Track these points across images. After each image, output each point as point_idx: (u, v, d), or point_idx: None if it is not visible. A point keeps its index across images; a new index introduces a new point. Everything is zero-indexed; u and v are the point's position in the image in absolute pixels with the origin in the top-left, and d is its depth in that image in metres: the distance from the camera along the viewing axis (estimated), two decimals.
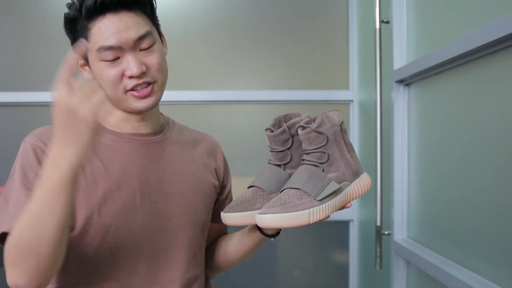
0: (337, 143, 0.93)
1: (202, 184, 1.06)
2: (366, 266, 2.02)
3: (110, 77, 0.92)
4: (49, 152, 0.78)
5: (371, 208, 1.88)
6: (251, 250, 1.08)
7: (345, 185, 0.94)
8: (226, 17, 2.09)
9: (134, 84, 0.93)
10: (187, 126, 1.16)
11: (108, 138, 0.99)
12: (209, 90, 2.08)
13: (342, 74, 2.14)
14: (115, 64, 0.92)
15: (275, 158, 1.00)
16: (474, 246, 1.15)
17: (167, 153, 1.04)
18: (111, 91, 0.93)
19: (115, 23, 0.91)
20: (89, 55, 0.94)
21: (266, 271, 2.12)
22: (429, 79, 1.37)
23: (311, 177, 0.90)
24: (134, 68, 0.91)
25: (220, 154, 1.16)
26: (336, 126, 0.93)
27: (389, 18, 1.56)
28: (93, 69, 0.95)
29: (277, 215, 0.85)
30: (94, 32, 0.92)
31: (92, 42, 0.92)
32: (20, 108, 2.05)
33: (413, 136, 1.49)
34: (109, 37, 0.91)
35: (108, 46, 0.91)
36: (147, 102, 0.95)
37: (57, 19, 2.03)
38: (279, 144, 0.99)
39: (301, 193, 0.88)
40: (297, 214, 0.86)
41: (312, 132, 0.92)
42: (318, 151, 0.92)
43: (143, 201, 0.97)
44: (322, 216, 0.88)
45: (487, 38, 1.01)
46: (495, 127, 1.06)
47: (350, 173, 0.95)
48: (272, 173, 0.99)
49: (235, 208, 0.95)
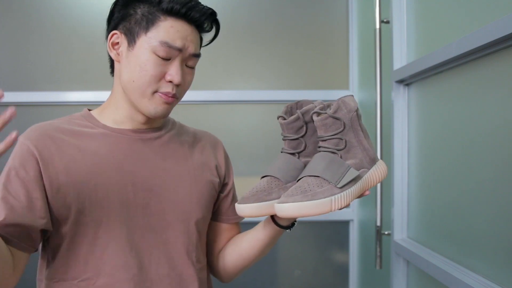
0: (354, 129, 0.91)
1: (199, 182, 1.06)
2: (366, 266, 2.02)
3: (151, 71, 0.94)
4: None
5: (371, 208, 1.88)
6: (267, 245, 1.06)
7: (363, 172, 0.91)
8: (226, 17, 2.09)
9: (168, 91, 0.96)
10: (187, 125, 1.16)
11: (104, 134, 0.99)
12: (209, 90, 2.08)
13: (342, 74, 2.14)
14: (163, 62, 0.94)
15: (289, 146, 0.97)
16: (474, 246, 1.15)
17: (163, 150, 1.04)
18: (143, 84, 0.94)
19: (186, 31, 0.96)
20: (142, 40, 0.95)
21: (266, 271, 2.12)
22: (429, 79, 1.37)
23: (330, 164, 0.87)
24: (178, 77, 0.95)
25: (221, 152, 1.15)
26: (353, 112, 0.91)
27: (389, 18, 1.56)
28: (138, 55, 0.95)
29: (298, 203, 0.83)
30: (164, 26, 0.94)
31: (156, 33, 0.94)
32: (20, 108, 2.05)
33: (413, 136, 1.49)
34: (178, 38, 0.94)
35: (173, 45, 0.94)
36: (165, 109, 0.98)
37: (57, 19, 2.05)
38: (293, 131, 0.96)
39: (321, 180, 0.86)
40: (319, 202, 0.83)
41: (328, 118, 0.89)
42: (335, 138, 0.90)
43: (136, 197, 0.97)
44: (343, 204, 0.86)
45: (487, 38, 1.01)
46: (495, 127, 1.06)
47: (367, 159, 0.92)
48: (287, 161, 0.96)
49: (250, 199, 0.91)
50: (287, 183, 0.93)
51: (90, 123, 1.01)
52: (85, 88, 2.04)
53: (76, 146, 0.96)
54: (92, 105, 1.10)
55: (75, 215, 0.93)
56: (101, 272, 0.94)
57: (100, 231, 0.94)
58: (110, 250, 0.94)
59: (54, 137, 0.96)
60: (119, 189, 0.96)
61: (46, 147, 0.94)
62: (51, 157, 0.94)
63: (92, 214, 0.93)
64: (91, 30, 2.03)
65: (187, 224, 1.02)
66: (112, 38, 0.98)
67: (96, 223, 0.94)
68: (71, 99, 2.03)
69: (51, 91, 2.03)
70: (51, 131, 0.97)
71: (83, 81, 2.05)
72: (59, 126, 0.99)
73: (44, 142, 0.95)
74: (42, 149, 0.93)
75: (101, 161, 0.96)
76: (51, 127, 0.98)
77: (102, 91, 1.98)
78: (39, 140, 0.94)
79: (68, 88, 2.04)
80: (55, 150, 0.94)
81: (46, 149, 0.94)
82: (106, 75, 1.06)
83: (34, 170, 0.92)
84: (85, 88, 2.04)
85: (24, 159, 0.93)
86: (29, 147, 0.93)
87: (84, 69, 2.05)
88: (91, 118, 1.02)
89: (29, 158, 0.93)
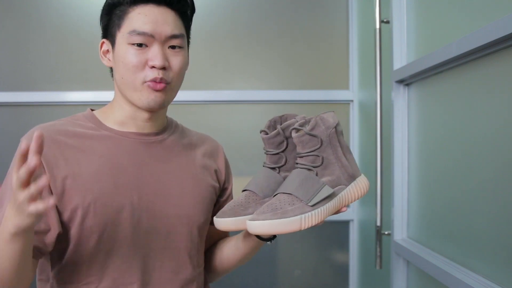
0: (332, 146, 0.91)
1: (201, 185, 1.06)
2: (366, 266, 2.02)
3: (132, 62, 0.94)
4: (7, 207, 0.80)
5: (371, 208, 1.88)
6: (247, 255, 1.08)
7: (340, 189, 0.91)
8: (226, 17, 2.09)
9: (154, 77, 0.94)
10: (190, 129, 1.16)
11: (108, 136, 0.99)
12: (209, 90, 2.08)
13: (342, 74, 2.14)
14: (141, 51, 0.94)
15: (270, 161, 0.98)
16: (474, 246, 1.15)
17: (166, 154, 1.03)
18: (130, 76, 0.94)
19: (155, 14, 0.94)
20: (118, 38, 0.96)
21: (266, 271, 2.12)
22: (429, 79, 1.37)
23: (304, 181, 0.88)
24: (158, 59, 0.93)
25: (222, 156, 1.15)
26: (331, 129, 0.91)
27: (389, 18, 1.56)
28: (118, 52, 0.96)
29: (268, 221, 0.83)
30: (132, 16, 0.94)
31: (126, 25, 0.94)
32: (20, 108, 2.05)
33: (413, 136, 1.49)
34: (146, 23, 0.93)
35: (142, 31, 0.93)
36: (158, 97, 0.95)
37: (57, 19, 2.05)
38: (274, 146, 0.97)
39: (293, 198, 0.86)
40: (288, 220, 0.84)
41: (305, 135, 0.90)
42: (311, 155, 0.90)
43: (140, 201, 0.97)
44: (314, 222, 0.86)
45: (487, 38, 1.01)
46: (495, 127, 1.06)
47: (345, 176, 0.92)
48: (266, 176, 0.96)
49: (227, 213, 0.93)
50: (264, 198, 0.94)
51: (94, 125, 1.00)
52: (85, 88, 2.04)
53: (80, 149, 0.95)
54: (93, 105, 1.10)
55: (80, 219, 0.92)
56: (105, 276, 0.94)
57: (105, 235, 0.94)
58: (114, 254, 0.94)
59: (57, 141, 0.95)
60: (124, 193, 0.95)
61: (50, 150, 0.93)
62: (55, 161, 0.93)
63: (96, 218, 0.93)
64: (91, 30, 2.02)
65: (190, 227, 1.02)
66: (103, 46, 1.01)
67: (100, 227, 0.93)
68: (71, 99, 2.03)
69: (51, 91, 2.03)
70: (55, 134, 0.96)
71: (83, 81, 2.05)
72: (62, 128, 0.98)
73: (48, 145, 0.92)
74: (46, 153, 0.92)
75: (105, 164, 0.96)
76: (54, 130, 0.96)
77: (102, 91, 1.98)
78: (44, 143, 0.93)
79: (68, 88, 2.04)
80: (60, 154, 0.94)
81: (51, 153, 0.93)
82: (106, 75, 1.07)
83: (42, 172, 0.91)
84: (85, 88, 2.04)
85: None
86: None
87: (84, 69, 2.05)
88: (94, 120, 1.02)
89: None
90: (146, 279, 0.96)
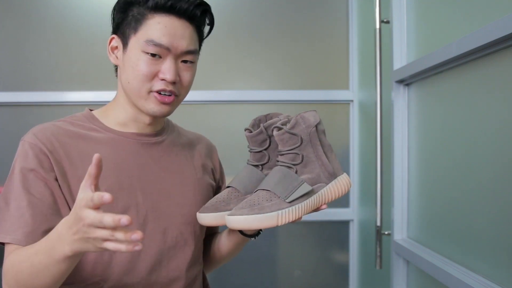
0: (312, 144, 0.93)
1: (201, 184, 1.07)
2: (366, 266, 2.02)
3: (143, 70, 0.93)
4: (59, 226, 0.78)
5: (371, 208, 1.88)
6: (232, 250, 1.10)
7: (319, 187, 0.93)
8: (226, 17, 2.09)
9: (162, 88, 0.94)
10: (183, 128, 1.17)
11: (110, 138, 0.99)
12: (209, 90, 2.08)
13: (342, 74, 2.14)
14: (154, 61, 0.93)
15: (253, 159, 1.00)
16: (474, 246, 1.15)
17: (167, 154, 1.04)
18: (137, 83, 0.94)
19: (175, 26, 0.93)
20: (132, 41, 0.95)
21: (266, 271, 2.12)
22: (429, 79, 1.37)
23: (283, 178, 0.89)
24: (171, 74, 0.93)
25: (216, 155, 1.18)
26: (312, 127, 0.93)
27: (389, 18, 1.56)
28: (129, 56, 0.95)
29: (244, 216, 0.86)
30: (151, 23, 0.93)
31: (143, 32, 0.93)
32: (20, 108, 2.05)
33: (413, 136, 1.49)
34: (164, 35, 0.92)
35: (159, 43, 0.92)
36: (164, 108, 0.96)
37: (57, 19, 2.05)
38: (257, 144, 0.99)
39: (271, 194, 0.88)
40: (265, 216, 0.86)
41: (285, 134, 0.91)
42: (291, 153, 0.92)
43: (145, 201, 0.97)
44: (291, 218, 0.88)
45: (487, 38, 1.01)
46: (495, 127, 1.06)
47: (326, 174, 0.94)
48: (249, 173, 0.99)
49: (209, 209, 0.96)
50: (246, 194, 0.97)
51: (95, 125, 1.00)
52: (85, 88, 2.04)
53: (83, 150, 0.95)
54: (92, 105, 1.10)
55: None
56: (109, 276, 0.94)
57: None
58: (118, 254, 0.94)
59: (61, 141, 0.94)
60: (129, 194, 0.95)
61: (55, 150, 0.93)
62: (60, 161, 0.93)
63: None
64: (91, 30, 2.03)
65: (193, 226, 1.03)
66: (111, 42, 0.99)
67: None
68: (71, 99, 2.03)
69: (51, 91, 2.03)
70: (57, 134, 0.95)
71: (83, 81, 2.05)
72: (64, 128, 0.97)
73: (53, 144, 0.93)
74: (52, 151, 0.92)
75: (109, 165, 0.95)
76: (56, 130, 0.96)
77: (102, 91, 1.98)
78: (48, 142, 0.93)
79: (68, 88, 2.04)
80: (64, 155, 0.93)
81: (56, 152, 0.93)
82: (106, 75, 1.07)
83: (51, 170, 0.91)
84: (85, 88, 2.04)
85: (40, 159, 0.91)
86: (42, 148, 0.91)
87: (84, 69, 2.05)
88: (95, 121, 1.01)
89: (44, 158, 0.91)
90: (152, 278, 0.97)
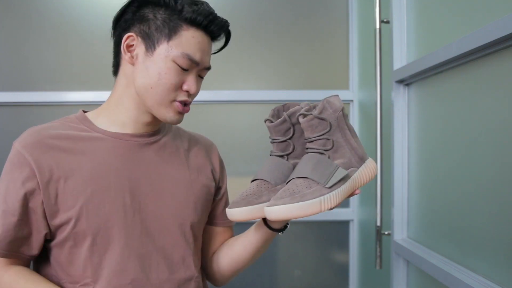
0: (341, 128, 0.91)
1: (194, 186, 1.06)
2: (366, 266, 2.02)
3: (172, 80, 0.95)
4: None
5: (371, 208, 1.88)
6: (259, 248, 1.05)
7: (352, 171, 0.91)
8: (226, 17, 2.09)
9: (185, 99, 0.98)
10: (183, 129, 1.16)
11: (100, 138, 0.99)
12: (209, 90, 2.08)
13: (342, 74, 2.14)
14: (182, 72, 0.96)
15: (277, 149, 0.97)
16: (474, 246, 1.15)
17: (159, 154, 1.03)
18: (163, 92, 0.95)
19: (205, 43, 0.98)
20: (163, 47, 0.94)
21: (266, 271, 2.12)
22: (429, 79, 1.37)
23: (318, 164, 0.87)
24: (195, 88, 0.98)
25: (216, 156, 1.15)
26: (338, 112, 0.90)
27: (389, 18, 1.56)
28: (157, 62, 0.94)
29: (287, 205, 0.82)
30: (186, 35, 0.94)
31: (178, 42, 0.94)
32: (20, 108, 2.05)
33: (413, 136, 1.49)
34: (198, 51, 0.96)
35: (193, 59, 0.95)
36: (180, 117, 1.00)
37: (57, 19, 2.05)
38: (280, 134, 0.96)
39: (310, 181, 0.86)
40: (308, 203, 0.83)
41: (314, 119, 0.89)
42: (322, 138, 0.90)
43: (133, 202, 0.97)
44: (333, 204, 0.85)
45: (487, 38, 1.01)
46: (495, 127, 1.06)
47: (356, 158, 0.92)
48: (276, 164, 0.95)
49: (240, 203, 0.91)
50: (276, 186, 0.93)
51: (86, 127, 1.00)
52: (85, 88, 2.04)
53: (72, 152, 0.95)
54: (92, 105, 1.10)
55: (73, 222, 0.92)
56: (100, 278, 0.94)
57: (98, 237, 0.94)
58: (108, 256, 0.94)
59: (49, 144, 0.94)
60: (116, 195, 0.95)
61: (42, 155, 0.93)
62: (47, 165, 0.93)
63: (89, 221, 0.93)
64: (91, 30, 2.03)
65: (183, 228, 1.02)
66: (128, 40, 0.96)
67: (94, 229, 0.93)
68: (71, 99, 2.03)
69: (51, 91, 2.03)
70: (47, 137, 0.95)
71: (83, 81, 2.05)
72: (55, 131, 0.97)
73: (40, 150, 0.93)
74: (37, 158, 0.92)
75: (98, 167, 0.95)
76: (46, 133, 0.96)
77: (102, 91, 1.98)
78: (35, 149, 0.93)
79: (68, 88, 2.04)
80: (51, 158, 0.93)
81: (42, 157, 0.93)
82: (106, 75, 1.06)
83: (31, 181, 0.92)
84: (85, 88, 2.04)
85: (21, 170, 0.92)
86: (26, 157, 0.92)
87: (84, 69, 2.05)
88: (86, 122, 1.01)
89: (25, 169, 0.92)
90: (142, 279, 0.96)
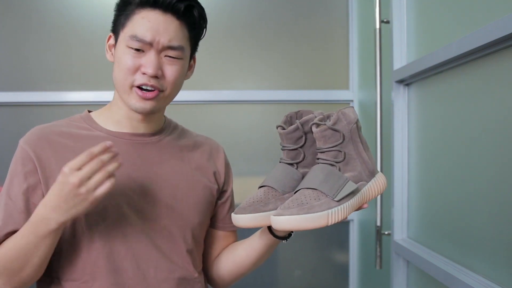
0: (353, 141, 0.89)
1: (195, 187, 1.05)
2: (366, 266, 2.02)
3: (126, 64, 0.94)
4: (39, 209, 0.87)
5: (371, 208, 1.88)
6: (262, 255, 1.05)
7: (362, 185, 0.89)
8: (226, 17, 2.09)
9: (144, 82, 0.94)
10: (190, 130, 1.15)
11: (100, 137, 0.99)
12: (209, 90, 2.08)
13: (342, 74, 2.14)
14: (137, 55, 0.94)
15: (287, 157, 0.95)
16: (474, 246, 1.15)
17: (161, 155, 1.03)
18: (121, 78, 0.95)
19: (159, 21, 0.94)
20: (120, 37, 0.96)
21: (266, 271, 2.12)
22: (429, 79, 1.37)
23: (328, 176, 0.86)
24: (151, 68, 0.93)
25: (222, 159, 1.14)
26: (352, 124, 0.89)
27: (389, 18, 1.56)
28: (117, 51, 0.97)
29: (294, 216, 0.81)
30: (136, 19, 0.94)
31: (129, 27, 0.95)
32: (20, 108, 2.05)
33: (413, 136, 1.49)
34: (147, 30, 0.93)
35: (141, 38, 0.93)
36: (146, 104, 0.96)
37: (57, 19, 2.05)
38: (292, 142, 0.94)
39: (318, 193, 0.84)
40: (315, 215, 0.81)
41: (327, 130, 0.87)
42: (334, 150, 0.88)
43: (130, 202, 0.97)
44: (340, 218, 0.84)
45: (487, 38, 1.01)
46: (495, 127, 1.06)
47: (366, 172, 0.91)
48: (285, 172, 0.94)
49: (247, 209, 0.89)
50: (284, 194, 0.92)
51: (88, 125, 1.01)
52: (85, 88, 2.04)
53: (73, 149, 0.96)
54: (92, 105, 1.10)
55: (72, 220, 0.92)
56: (97, 276, 0.94)
57: (96, 235, 0.94)
58: (106, 254, 0.94)
59: (52, 141, 0.97)
60: (113, 194, 0.95)
61: (43, 150, 0.95)
62: (48, 161, 0.94)
63: (88, 219, 0.93)
64: (91, 30, 2.03)
65: (183, 229, 1.02)
66: (109, 40, 1.01)
67: (92, 228, 0.94)
68: (71, 99, 2.03)
69: (51, 91, 2.03)
70: (50, 134, 0.98)
71: (83, 81, 2.05)
72: (58, 129, 0.99)
73: (41, 145, 0.96)
74: (39, 153, 0.95)
75: None
76: (49, 130, 0.99)
77: (102, 91, 1.98)
78: (37, 145, 0.96)
79: (68, 88, 2.04)
80: (52, 154, 0.95)
81: (43, 153, 0.95)
82: (106, 75, 1.07)
83: (33, 176, 0.94)
84: (85, 88, 2.04)
85: (24, 165, 0.95)
86: (28, 153, 0.95)
87: (84, 69, 2.05)
88: (89, 121, 1.02)
89: (28, 164, 0.94)
90: (139, 278, 0.96)
